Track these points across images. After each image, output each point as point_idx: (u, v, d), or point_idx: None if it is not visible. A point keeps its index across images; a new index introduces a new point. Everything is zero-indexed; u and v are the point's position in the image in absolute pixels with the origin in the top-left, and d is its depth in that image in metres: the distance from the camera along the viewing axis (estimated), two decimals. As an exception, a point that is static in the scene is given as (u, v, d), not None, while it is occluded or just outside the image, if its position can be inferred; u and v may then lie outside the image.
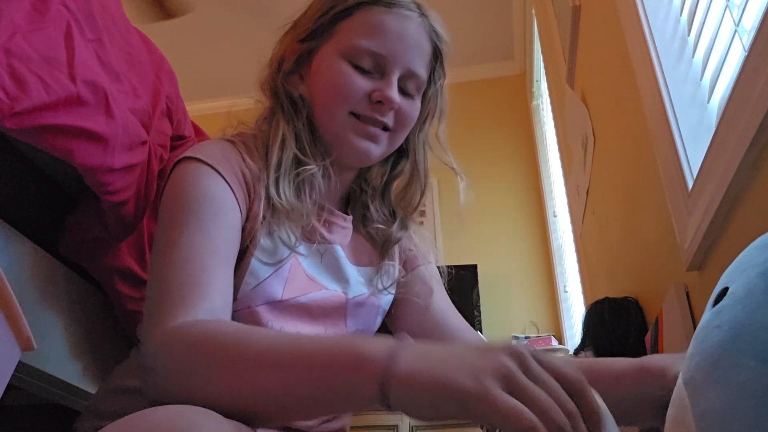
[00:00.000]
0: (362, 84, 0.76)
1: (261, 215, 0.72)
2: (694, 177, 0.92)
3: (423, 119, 0.85)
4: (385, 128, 0.79)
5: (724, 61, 0.88)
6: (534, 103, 3.48)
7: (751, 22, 0.81)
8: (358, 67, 0.77)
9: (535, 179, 3.47)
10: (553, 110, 2.66)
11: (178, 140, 1.03)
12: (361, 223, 0.88)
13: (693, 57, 1.04)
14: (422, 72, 0.80)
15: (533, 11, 2.99)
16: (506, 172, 3.55)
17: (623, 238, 1.49)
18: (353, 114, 0.77)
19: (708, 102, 0.97)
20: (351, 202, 0.90)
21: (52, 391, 0.86)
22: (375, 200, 0.88)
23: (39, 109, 0.66)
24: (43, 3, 0.73)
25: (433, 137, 0.87)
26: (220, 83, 3.65)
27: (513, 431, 0.39)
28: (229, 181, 0.70)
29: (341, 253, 0.82)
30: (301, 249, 0.77)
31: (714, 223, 0.81)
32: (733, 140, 0.74)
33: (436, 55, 0.82)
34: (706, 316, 0.42)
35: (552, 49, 2.44)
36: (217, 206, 0.68)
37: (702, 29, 0.98)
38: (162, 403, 0.47)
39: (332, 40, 0.78)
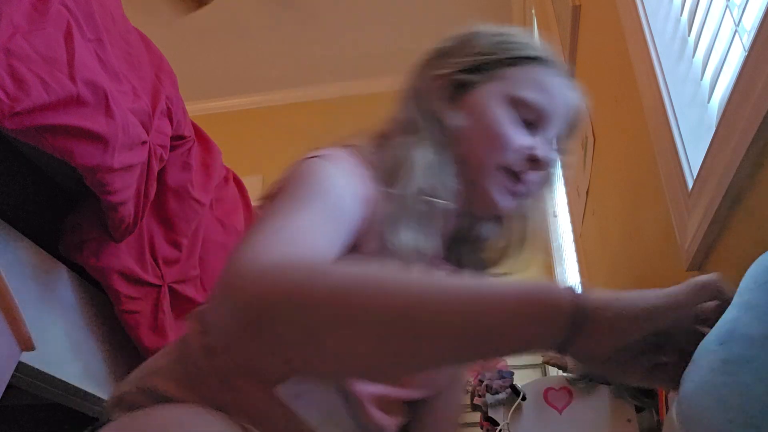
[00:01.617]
0: (523, 138, 0.73)
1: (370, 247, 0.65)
2: (694, 177, 0.92)
3: (548, 185, 0.82)
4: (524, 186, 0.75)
5: (725, 61, 0.88)
6: (534, 103, 3.48)
7: (751, 22, 0.81)
8: (518, 118, 0.73)
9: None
10: (553, 110, 2.66)
11: (177, 140, 1.03)
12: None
13: (693, 57, 1.04)
14: (561, 141, 0.79)
15: (533, 11, 2.99)
16: (506, 172, 3.54)
17: (623, 238, 1.49)
18: (502, 166, 0.72)
19: (708, 102, 0.97)
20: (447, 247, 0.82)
21: (52, 391, 0.86)
22: (471, 251, 0.82)
23: (39, 109, 0.66)
24: (43, 3, 0.73)
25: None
26: (220, 83, 3.65)
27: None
28: (359, 196, 0.63)
29: None
30: None
31: (714, 223, 0.81)
32: (733, 140, 0.74)
33: (570, 131, 0.81)
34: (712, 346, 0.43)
35: (552, 48, 2.44)
36: (349, 201, 0.62)
37: (702, 29, 0.98)
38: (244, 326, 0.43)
39: (498, 83, 0.75)
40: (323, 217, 0.58)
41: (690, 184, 0.92)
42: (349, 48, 3.47)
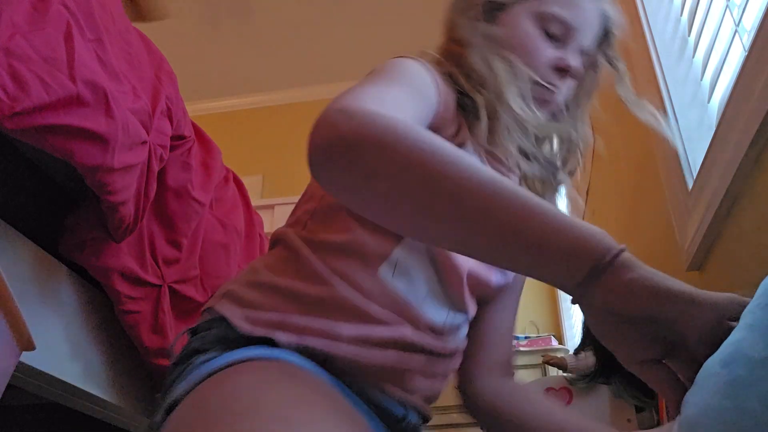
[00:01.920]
0: (550, 51, 0.79)
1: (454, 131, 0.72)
2: (694, 177, 0.92)
3: (586, 95, 0.89)
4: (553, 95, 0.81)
5: (725, 61, 0.88)
6: (534, 103, 3.47)
7: (751, 22, 0.81)
8: (545, 33, 0.80)
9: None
10: (553, 110, 2.65)
11: (177, 140, 1.03)
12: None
13: (693, 57, 1.04)
14: (593, 52, 0.85)
15: (533, 11, 2.98)
16: (506, 172, 3.54)
17: (623, 238, 1.49)
18: (533, 80, 0.78)
19: (708, 102, 0.97)
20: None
21: (52, 391, 0.86)
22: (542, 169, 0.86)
23: (39, 109, 0.66)
24: (43, 3, 0.73)
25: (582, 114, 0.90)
26: (220, 83, 3.65)
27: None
28: (439, 88, 0.70)
29: None
30: None
31: (714, 223, 0.81)
32: (733, 140, 0.74)
33: (607, 38, 0.86)
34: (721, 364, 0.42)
35: None
36: (431, 91, 0.68)
37: (702, 29, 0.98)
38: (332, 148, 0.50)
39: (524, 3, 0.81)
40: (408, 94, 0.63)
41: (690, 184, 0.92)
42: (350, 48, 3.47)
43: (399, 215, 0.51)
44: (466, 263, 0.72)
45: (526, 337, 2.86)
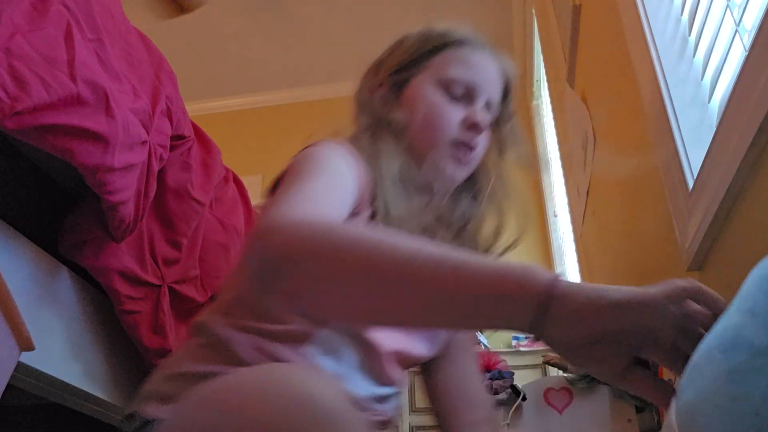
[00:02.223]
0: (456, 112, 0.85)
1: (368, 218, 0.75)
2: (695, 177, 0.92)
3: (500, 151, 0.94)
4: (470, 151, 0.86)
5: (725, 60, 0.88)
6: (534, 103, 3.48)
7: (751, 21, 0.81)
8: (449, 96, 0.86)
9: (536, 179, 3.46)
10: (554, 110, 2.66)
11: (177, 140, 1.03)
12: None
13: (694, 57, 1.04)
14: (497, 103, 0.91)
15: (533, 11, 2.99)
16: (506, 172, 3.54)
17: (623, 238, 1.49)
18: (448, 141, 0.84)
19: (708, 102, 0.97)
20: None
21: (52, 391, 0.86)
22: (450, 230, 0.91)
23: (39, 108, 0.66)
24: (43, 3, 0.73)
25: (501, 172, 0.95)
26: (220, 83, 3.65)
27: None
28: (356, 170, 0.73)
29: None
30: None
31: (714, 223, 0.81)
32: (733, 140, 0.74)
33: (506, 93, 0.94)
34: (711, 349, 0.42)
35: (552, 48, 2.44)
36: (345, 180, 0.70)
37: (703, 29, 0.98)
38: (272, 268, 0.50)
39: (425, 73, 0.88)
40: (331, 186, 0.66)
41: (690, 184, 0.92)
42: (349, 48, 3.47)
43: (347, 313, 0.53)
44: (386, 341, 0.75)
45: (526, 337, 2.86)
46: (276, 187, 0.71)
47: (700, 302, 0.45)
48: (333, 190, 0.66)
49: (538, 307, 0.45)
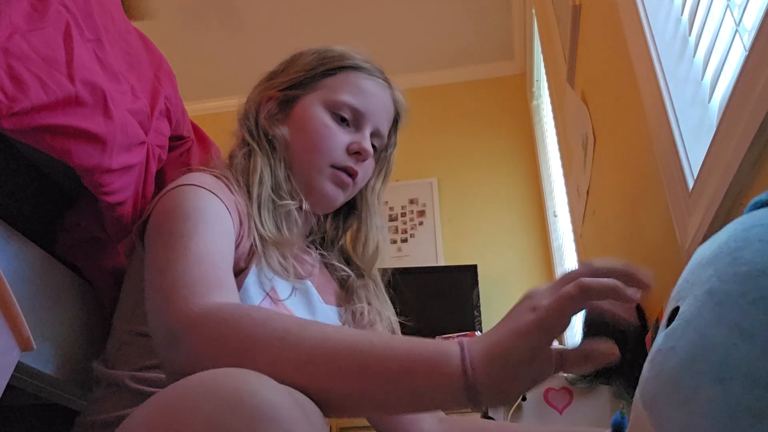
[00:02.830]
0: (343, 136, 0.86)
1: (250, 246, 0.76)
2: (695, 177, 0.91)
3: (380, 178, 0.96)
4: (351, 178, 0.88)
5: (725, 60, 0.87)
6: (534, 103, 3.47)
7: (751, 21, 0.81)
8: (337, 119, 0.87)
9: (535, 179, 3.46)
10: (554, 110, 2.66)
11: (176, 140, 1.03)
12: (323, 264, 0.94)
13: (694, 57, 1.04)
14: (386, 133, 0.92)
15: (533, 11, 2.98)
16: (506, 171, 3.55)
17: (623, 238, 1.49)
18: (329, 164, 0.85)
19: (709, 102, 0.97)
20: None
21: (52, 391, 0.86)
22: (330, 249, 0.96)
23: (37, 109, 0.66)
24: (42, 3, 0.72)
25: (376, 197, 0.97)
26: (220, 83, 3.65)
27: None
28: (227, 206, 0.73)
29: (313, 290, 0.86)
30: (277, 284, 0.79)
31: (714, 224, 0.81)
32: (733, 140, 0.74)
33: (395, 122, 0.95)
34: (660, 338, 0.42)
35: (552, 48, 2.44)
36: (221, 221, 0.71)
37: (703, 29, 0.97)
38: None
39: (317, 93, 0.88)
40: (213, 236, 0.66)
41: (690, 184, 0.92)
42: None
43: None
44: None
45: (526, 337, 2.85)
46: (144, 228, 0.73)
47: (592, 297, 0.48)
48: (215, 242, 0.66)
49: (464, 381, 0.47)
